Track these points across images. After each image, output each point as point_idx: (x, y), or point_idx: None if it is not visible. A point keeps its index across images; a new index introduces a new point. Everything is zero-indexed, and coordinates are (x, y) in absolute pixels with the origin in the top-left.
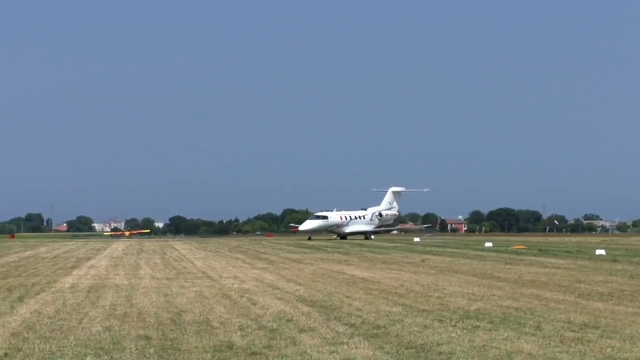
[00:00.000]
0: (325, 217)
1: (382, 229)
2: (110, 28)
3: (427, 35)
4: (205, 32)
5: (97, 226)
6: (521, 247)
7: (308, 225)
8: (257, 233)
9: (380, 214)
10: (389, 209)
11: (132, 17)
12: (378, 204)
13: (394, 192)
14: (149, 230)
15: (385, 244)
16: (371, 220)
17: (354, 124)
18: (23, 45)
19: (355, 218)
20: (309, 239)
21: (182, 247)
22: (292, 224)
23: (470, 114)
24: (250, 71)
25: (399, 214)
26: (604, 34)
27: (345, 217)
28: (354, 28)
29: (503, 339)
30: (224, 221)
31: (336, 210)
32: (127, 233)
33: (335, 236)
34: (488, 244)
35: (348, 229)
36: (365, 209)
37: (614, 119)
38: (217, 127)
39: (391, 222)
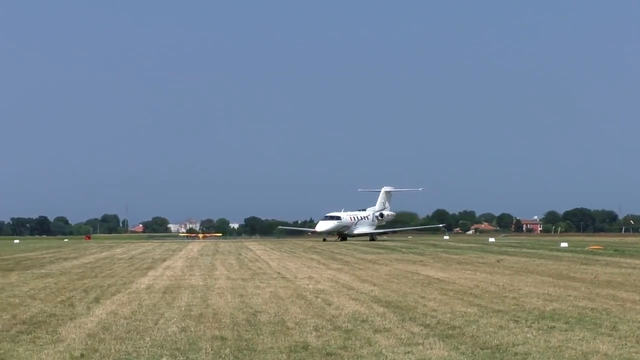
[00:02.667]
0: (338, 218)
1: (390, 230)
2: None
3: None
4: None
5: (172, 227)
6: (597, 247)
7: (324, 226)
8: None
9: (381, 214)
10: (383, 209)
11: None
12: (364, 204)
13: (387, 192)
14: (221, 234)
15: (460, 244)
16: (372, 221)
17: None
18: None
19: (361, 219)
20: (324, 240)
21: (257, 247)
22: (280, 227)
23: (545, 116)
24: (319, 74)
25: (395, 215)
26: None
27: (353, 218)
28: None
29: (579, 339)
30: (299, 222)
31: (344, 211)
32: (200, 235)
33: (337, 237)
34: (563, 244)
35: (356, 230)
36: (365, 209)
37: None
38: (292, 129)
39: (384, 223)
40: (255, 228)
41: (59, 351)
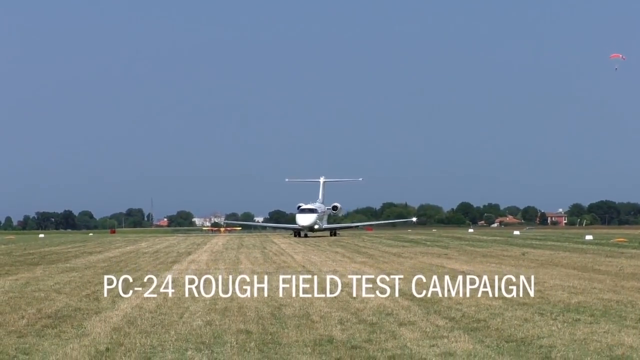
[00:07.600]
0: (315, 211)
1: (354, 224)
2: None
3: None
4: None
5: (197, 221)
6: (622, 240)
7: (307, 220)
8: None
9: (335, 207)
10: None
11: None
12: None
13: (324, 183)
14: (240, 228)
15: (484, 237)
16: (328, 214)
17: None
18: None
19: (323, 212)
20: (306, 235)
21: (281, 241)
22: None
23: (570, 109)
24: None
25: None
26: None
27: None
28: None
29: (604, 332)
30: None
31: (312, 203)
32: (222, 230)
33: (291, 233)
34: (588, 237)
35: (324, 225)
36: (314, 203)
37: None
38: (319, 123)
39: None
40: (280, 222)
41: (84, 345)
